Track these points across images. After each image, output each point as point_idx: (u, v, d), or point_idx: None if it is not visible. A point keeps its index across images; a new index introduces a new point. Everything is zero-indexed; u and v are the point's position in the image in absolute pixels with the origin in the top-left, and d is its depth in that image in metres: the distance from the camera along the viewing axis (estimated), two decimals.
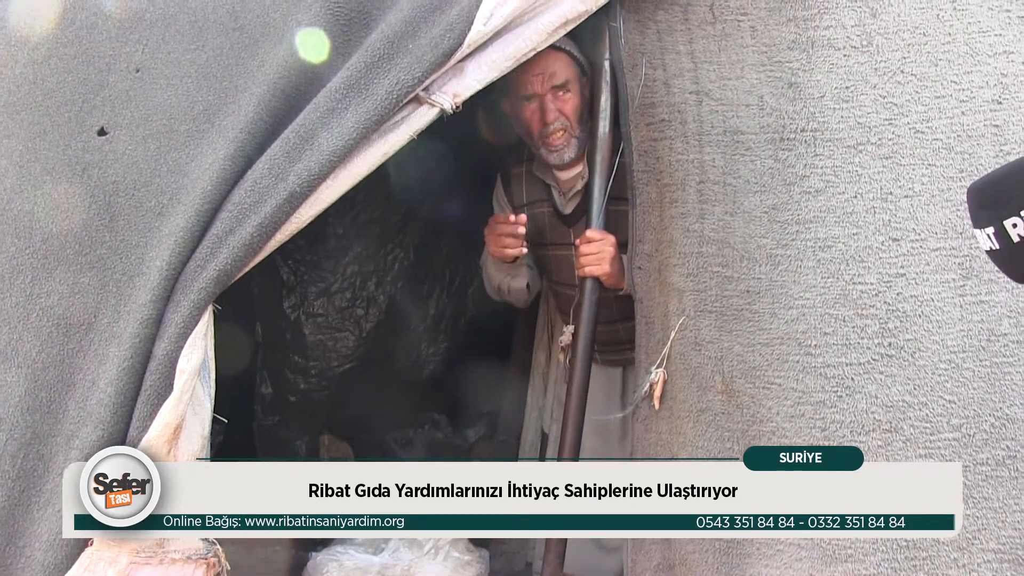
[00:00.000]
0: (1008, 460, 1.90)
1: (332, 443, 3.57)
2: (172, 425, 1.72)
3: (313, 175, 1.84)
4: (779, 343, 2.00)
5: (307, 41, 1.97)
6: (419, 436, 3.68)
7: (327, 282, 3.54)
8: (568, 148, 2.41)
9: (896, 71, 2.00)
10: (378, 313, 3.60)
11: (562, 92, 2.38)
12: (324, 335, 3.54)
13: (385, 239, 3.56)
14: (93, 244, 1.94)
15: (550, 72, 2.35)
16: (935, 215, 1.94)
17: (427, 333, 3.68)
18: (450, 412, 3.72)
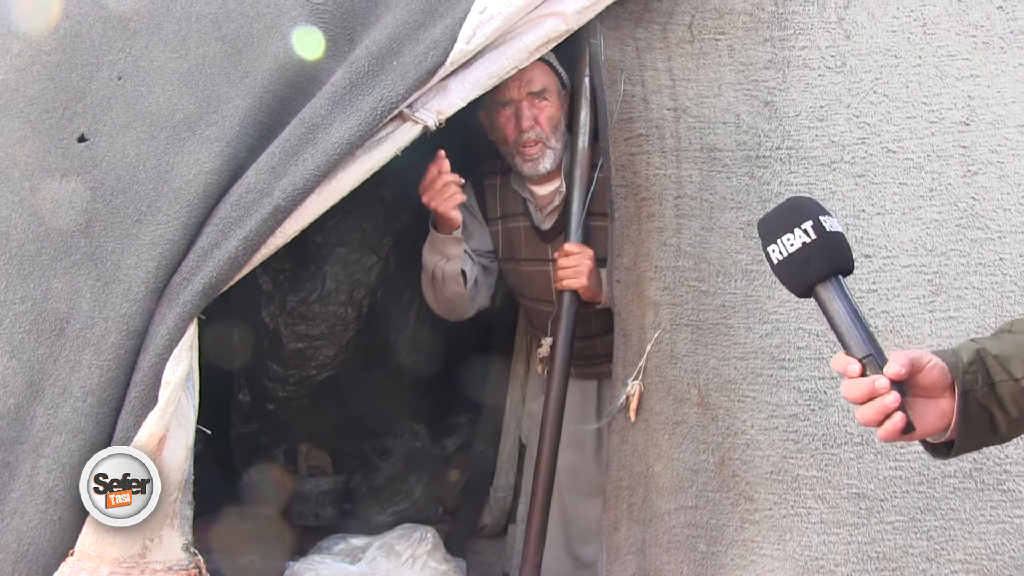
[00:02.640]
0: (975, 472, 1.94)
1: (310, 452, 3.56)
2: (157, 435, 1.72)
3: (298, 190, 1.85)
4: (754, 357, 2.04)
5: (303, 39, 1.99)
6: (398, 445, 3.67)
7: (306, 290, 3.53)
8: (543, 159, 2.41)
9: (869, 92, 2.04)
10: (357, 322, 3.59)
11: (539, 100, 2.38)
12: (303, 343, 3.54)
13: (365, 248, 3.57)
14: (68, 249, 1.93)
15: (527, 78, 2.34)
16: (906, 233, 1.99)
17: (406, 342, 3.68)
18: (429, 422, 3.72)
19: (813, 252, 1.28)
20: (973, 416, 1.29)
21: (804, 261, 1.29)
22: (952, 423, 1.29)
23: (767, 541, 1.97)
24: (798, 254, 1.29)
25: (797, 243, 1.29)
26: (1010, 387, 1.29)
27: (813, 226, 1.29)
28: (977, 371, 1.29)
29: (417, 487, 3.58)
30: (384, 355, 3.67)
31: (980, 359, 1.30)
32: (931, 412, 1.30)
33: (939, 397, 1.30)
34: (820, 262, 1.29)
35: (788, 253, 1.30)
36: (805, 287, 1.32)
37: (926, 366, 1.28)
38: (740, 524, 2.00)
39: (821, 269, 1.29)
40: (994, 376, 1.29)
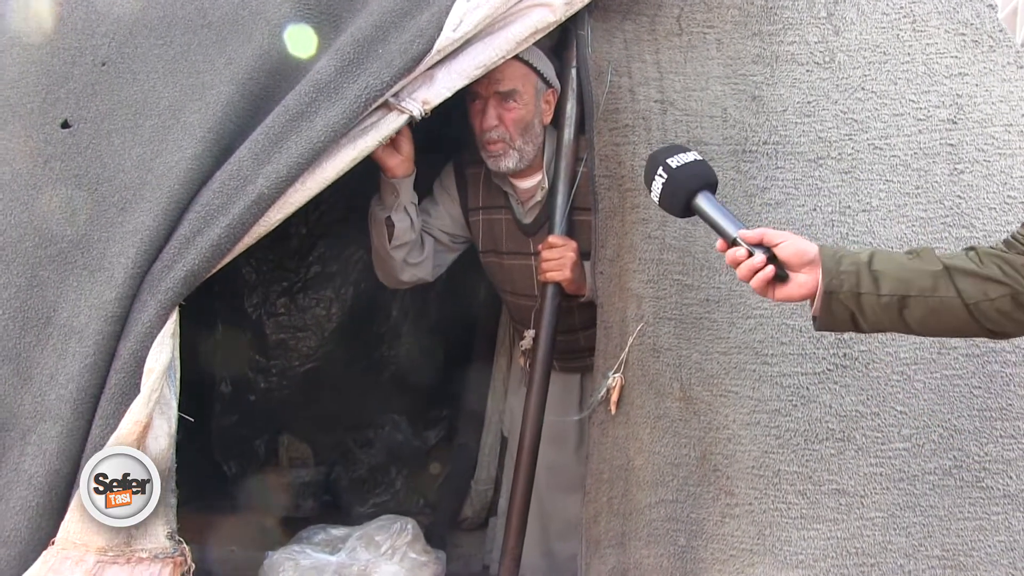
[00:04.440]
0: (955, 470, 1.95)
1: (292, 443, 3.55)
2: (142, 423, 1.72)
3: (281, 178, 1.84)
4: (737, 352, 2.04)
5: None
6: (379, 437, 3.67)
7: (290, 281, 3.53)
8: (505, 158, 2.38)
9: (857, 88, 2.05)
10: (340, 313, 3.59)
11: (506, 100, 2.34)
12: (286, 334, 3.54)
13: (348, 240, 3.55)
14: (53, 238, 1.92)
15: (496, 78, 2.29)
16: (891, 230, 1.99)
17: (389, 334, 3.68)
18: (410, 414, 3.71)
19: (669, 186, 1.74)
20: (835, 311, 1.61)
21: (669, 193, 1.75)
22: (815, 306, 1.63)
23: (747, 536, 1.97)
24: (663, 191, 1.76)
25: (658, 185, 1.76)
26: (871, 300, 1.57)
27: (663, 168, 1.75)
28: (846, 279, 1.58)
29: (398, 479, 3.59)
30: (366, 347, 3.67)
31: (857, 270, 1.58)
32: (795, 280, 1.64)
33: (798, 271, 1.63)
34: (677, 190, 1.74)
35: (658, 193, 1.77)
36: (680, 210, 1.77)
37: (778, 244, 1.63)
38: (720, 518, 2.00)
39: (679, 196, 1.74)
40: (861, 287, 1.57)
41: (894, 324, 1.62)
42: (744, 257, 1.64)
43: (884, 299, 1.56)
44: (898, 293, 1.56)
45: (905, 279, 1.56)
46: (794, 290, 1.64)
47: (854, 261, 1.59)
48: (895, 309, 1.58)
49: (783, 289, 1.65)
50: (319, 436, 3.60)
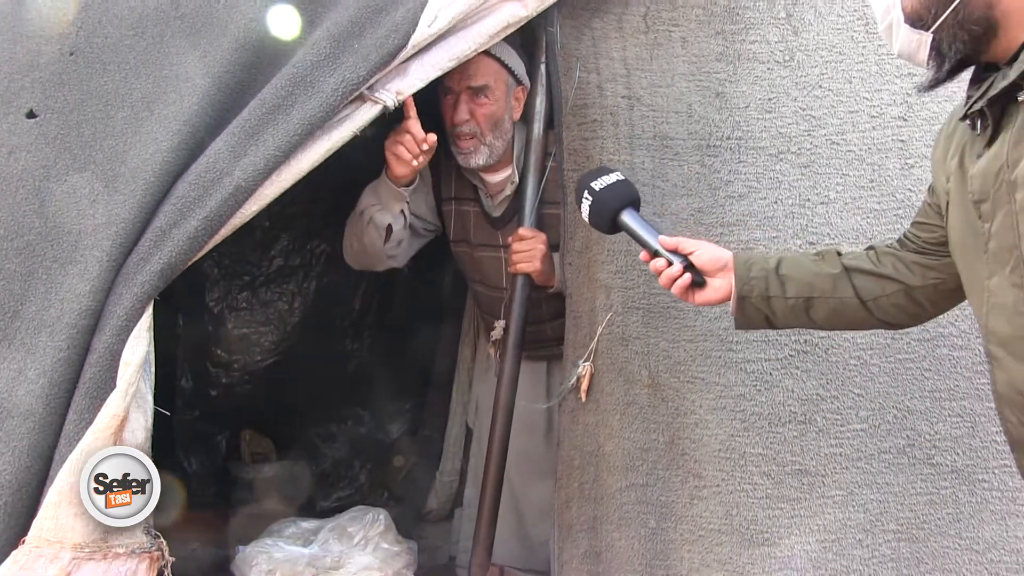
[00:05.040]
0: (908, 448, 2.05)
1: (254, 438, 3.53)
2: (119, 417, 1.70)
3: (259, 171, 1.85)
4: (703, 339, 2.11)
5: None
6: (342, 431, 3.66)
7: (252, 275, 3.51)
8: (475, 154, 2.42)
9: (815, 86, 2.13)
10: (303, 307, 3.58)
11: (478, 96, 2.38)
12: (248, 329, 3.51)
13: (311, 233, 3.55)
14: (21, 229, 1.90)
15: (469, 72, 2.34)
16: (848, 221, 2.08)
17: (352, 328, 3.68)
18: (373, 408, 3.72)
19: (596, 207, 1.90)
20: (748, 313, 1.77)
21: (596, 214, 1.91)
22: (731, 309, 1.79)
23: (715, 516, 2.05)
24: (591, 211, 1.91)
25: (586, 206, 1.91)
26: (780, 302, 1.73)
27: (588, 192, 1.90)
28: (756, 284, 1.73)
29: (362, 473, 3.59)
30: (329, 341, 3.66)
31: (766, 276, 1.73)
32: (712, 286, 1.79)
33: (713, 276, 1.79)
34: (603, 210, 1.89)
35: (587, 214, 1.92)
36: (607, 228, 1.92)
37: (692, 252, 1.79)
38: (689, 500, 2.07)
39: (604, 215, 1.89)
40: (770, 291, 1.73)
41: (802, 322, 1.78)
42: (664, 267, 1.80)
43: (791, 301, 1.72)
44: (803, 295, 1.71)
45: (808, 282, 1.71)
46: (711, 295, 1.80)
47: (763, 268, 1.74)
48: (802, 309, 1.73)
49: (701, 294, 1.80)
50: (282, 431, 3.58)
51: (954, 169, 1.42)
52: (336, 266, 3.62)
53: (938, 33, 1.32)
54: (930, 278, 1.63)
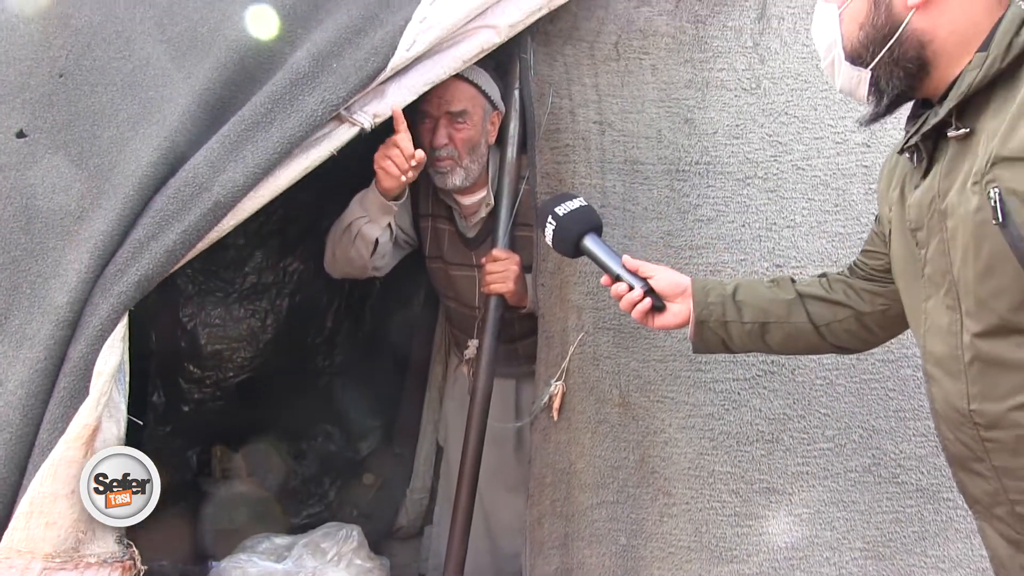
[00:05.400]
0: (873, 467, 2.10)
1: (225, 454, 3.52)
2: (90, 427, 1.72)
3: (238, 187, 1.87)
4: (672, 359, 2.15)
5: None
6: (312, 448, 3.66)
7: (225, 292, 3.50)
8: (452, 175, 2.46)
9: (781, 113, 2.19)
10: (275, 324, 3.58)
11: (456, 120, 2.43)
12: (221, 345, 3.51)
13: (284, 251, 3.56)
14: (7, 245, 1.91)
15: (448, 98, 2.40)
16: (813, 244, 2.14)
17: (323, 345, 3.69)
18: (343, 424, 3.73)
19: (559, 232, 1.92)
20: (707, 336, 1.81)
21: (559, 239, 1.93)
22: (690, 334, 1.84)
23: (684, 533, 2.09)
24: (554, 236, 1.93)
25: (549, 231, 1.93)
26: (736, 327, 1.78)
27: (552, 217, 1.92)
28: (714, 309, 1.79)
29: (332, 490, 3.59)
30: (301, 358, 3.67)
31: (723, 301, 1.78)
32: (671, 311, 1.83)
33: (672, 301, 1.83)
34: (566, 235, 1.91)
35: (551, 239, 1.94)
36: (570, 252, 1.94)
37: (651, 276, 1.83)
38: (659, 518, 2.11)
39: (567, 240, 1.91)
40: (727, 316, 1.78)
41: (758, 347, 1.83)
42: (625, 291, 1.83)
43: (747, 326, 1.77)
44: (759, 320, 1.77)
45: (764, 308, 1.76)
46: (670, 319, 1.84)
47: (720, 293, 1.79)
48: (757, 334, 1.78)
49: (660, 318, 1.84)
50: (252, 447, 3.58)
51: (895, 199, 1.49)
52: (309, 284, 3.65)
53: (876, 70, 1.39)
54: (878, 304, 1.70)
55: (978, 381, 1.25)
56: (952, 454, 1.37)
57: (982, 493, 1.32)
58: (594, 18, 2.26)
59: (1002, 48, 1.21)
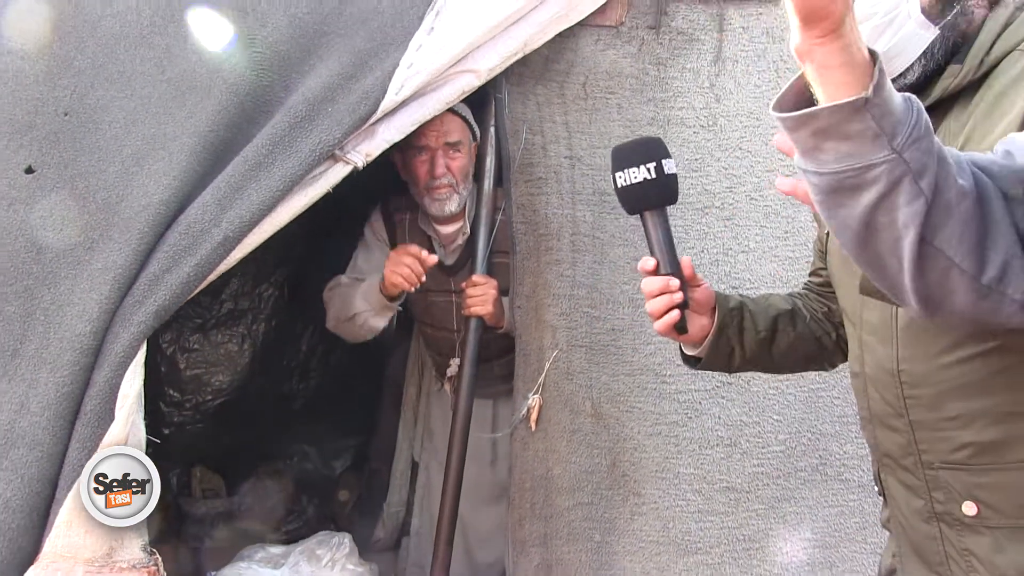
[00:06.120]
0: (820, 467, 2.33)
1: (205, 475, 3.64)
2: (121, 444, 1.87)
3: (244, 222, 2.04)
4: (639, 373, 2.36)
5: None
6: (289, 468, 3.81)
7: (203, 318, 3.64)
8: (450, 201, 2.67)
9: (735, 148, 2.41)
10: (252, 349, 3.72)
11: (453, 150, 2.65)
12: (199, 369, 3.63)
13: (260, 277, 3.71)
14: (19, 275, 2.03)
15: (445, 130, 2.62)
16: (766, 267, 2.36)
17: (298, 369, 3.84)
18: (318, 444, 3.87)
19: (650, 187, 1.58)
20: (721, 347, 1.71)
21: (641, 192, 1.59)
22: (705, 343, 1.72)
23: (653, 529, 2.29)
24: (639, 186, 1.58)
25: (640, 177, 1.58)
26: (752, 335, 1.73)
27: (656, 167, 1.58)
28: (734, 316, 1.72)
29: (309, 507, 3.72)
30: (277, 381, 3.81)
31: (741, 310, 1.73)
32: (695, 323, 1.69)
33: (702, 314, 1.71)
34: (653, 196, 1.59)
35: (631, 183, 1.59)
36: (636, 210, 1.62)
37: (702, 284, 1.70)
38: (630, 516, 2.31)
39: (652, 202, 1.60)
40: (745, 324, 1.72)
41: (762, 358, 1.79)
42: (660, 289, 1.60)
43: (760, 335, 1.75)
44: (770, 329, 1.76)
45: (772, 317, 1.78)
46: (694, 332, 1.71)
47: (738, 302, 1.76)
48: (767, 343, 1.77)
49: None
50: (231, 467, 3.70)
51: None
52: (284, 310, 3.79)
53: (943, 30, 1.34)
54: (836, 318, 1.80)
55: (908, 345, 1.38)
56: (874, 412, 1.49)
57: (895, 446, 1.46)
58: (563, 60, 2.46)
59: (975, 63, 1.31)
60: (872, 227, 1.04)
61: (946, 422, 1.37)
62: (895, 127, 0.99)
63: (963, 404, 1.35)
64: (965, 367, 1.33)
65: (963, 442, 1.36)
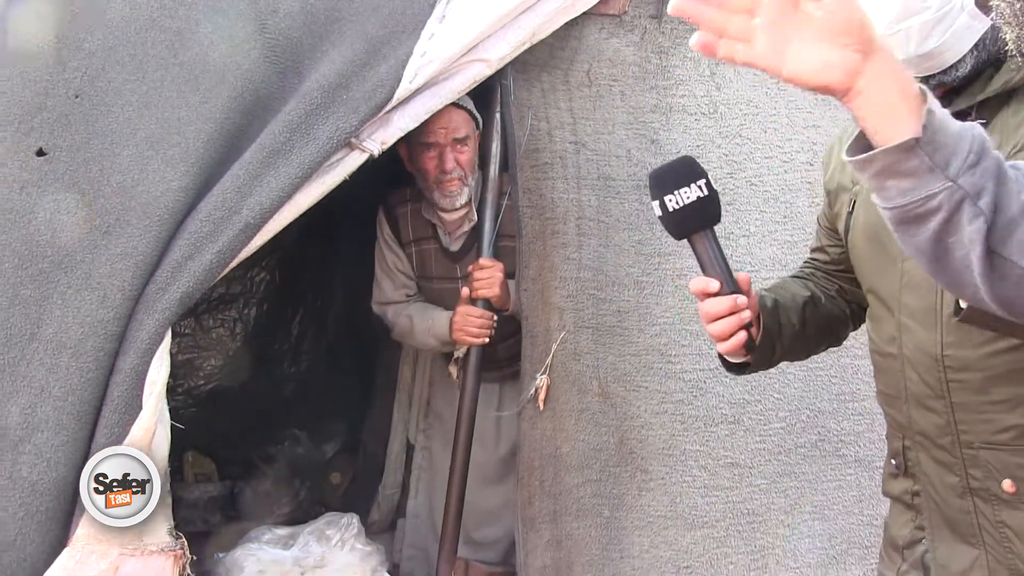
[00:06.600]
0: (819, 443, 2.42)
1: (197, 460, 3.65)
2: (150, 430, 1.90)
3: (265, 209, 2.06)
4: (645, 353, 2.43)
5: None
6: (280, 452, 3.82)
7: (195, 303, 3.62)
8: (460, 195, 2.73)
9: (735, 135, 2.48)
10: (244, 333, 3.73)
11: (460, 145, 2.69)
12: (191, 354, 3.64)
13: (251, 261, 3.66)
14: (33, 257, 2.02)
15: (454, 126, 2.66)
16: (765, 251, 2.44)
17: (289, 352, 3.85)
18: (310, 428, 3.89)
19: (705, 205, 1.50)
20: (765, 349, 1.65)
21: (696, 211, 1.50)
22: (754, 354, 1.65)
23: (661, 504, 2.37)
24: (692, 206, 1.49)
25: (692, 196, 1.49)
26: (788, 330, 1.69)
27: (706, 183, 1.51)
28: (774, 317, 1.66)
29: (302, 490, 3.75)
30: (269, 365, 3.83)
31: (776, 308, 1.67)
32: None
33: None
34: (708, 214, 1.51)
35: (684, 204, 1.49)
36: (687, 232, 1.53)
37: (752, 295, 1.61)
38: (638, 492, 2.38)
39: (707, 220, 1.51)
40: (781, 320, 1.67)
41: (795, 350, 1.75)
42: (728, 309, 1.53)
43: (795, 327, 1.70)
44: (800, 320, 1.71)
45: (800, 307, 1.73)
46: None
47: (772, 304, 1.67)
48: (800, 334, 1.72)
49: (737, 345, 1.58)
50: (223, 452, 3.71)
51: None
52: (274, 294, 3.81)
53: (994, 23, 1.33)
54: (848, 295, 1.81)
55: (954, 331, 1.40)
56: (911, 393, 1.53)
57: (931, 426, 1.50)
58: (568, 48, 2.51)
59: None
60: (943, 248, 1.08)
61: (991, 405, 1.42)
62: (949, 159, 1.04)
63: (1011, 389, 1.40)
64: (1017, 354, 1.38)
65: (1008, 425, 1.41)
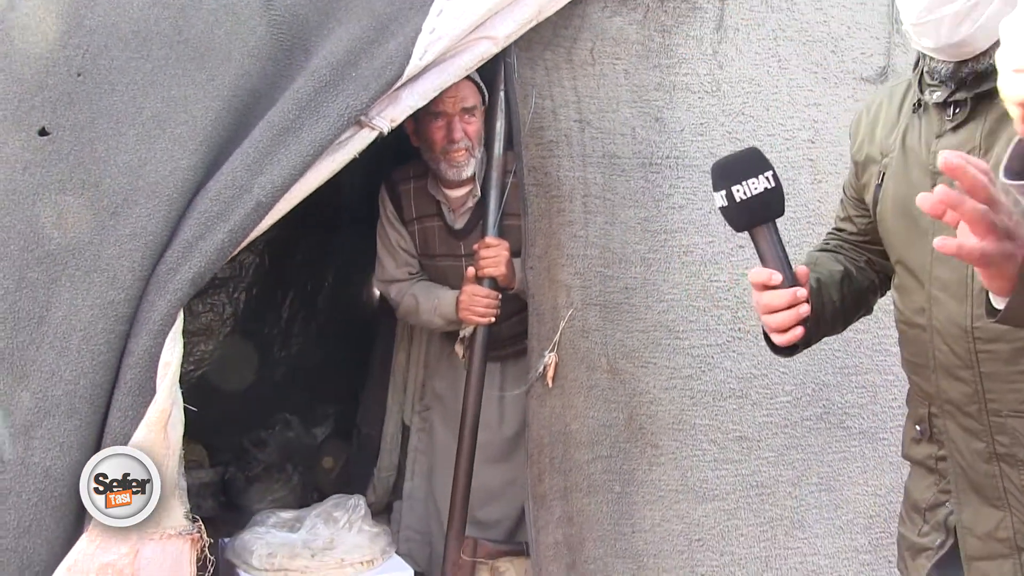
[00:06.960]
0: (824, 416, 2.46)
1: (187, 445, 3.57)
2: (166, 411, 1.88)
3: (276, 187, 2.03)
4: (653, 330, 2.44)
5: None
6: (271, 436, 3.80)
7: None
8: (467, 166, 2.74)
9: (738, 113, 2.50)
10: (234, 318, 3.70)
11: (468, 115, 2.71)
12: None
13: None
14: (40, 240, 1.99)
15: (462, 96, 2.67)
16: None
17: (279, 337, 3.83)
18: (301, 412, 3.87)
19: (771, 196, 1.48)
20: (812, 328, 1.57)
21: (764, 203, 1.47)
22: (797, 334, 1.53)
23: (672, 479, 2.39)
24: (760, 196, 1.47)
25: (760, 187, 1.47)
26: (830, 308, 1.68)
27: (773, 175, 1.49)
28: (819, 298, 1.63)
29: (295, 475, 3.73)
30: (259, 350, 3.80)
31: (820, 288, 1.65)
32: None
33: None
34: (773, 206, 1.49)
35: (751, 195, 1.47)
36: (752, 224, 1.50)
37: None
38: (648, 467, 2.40)
39: (772, 212, 1.49)
40: (824, 299, 1.65)
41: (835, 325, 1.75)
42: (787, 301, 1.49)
43: (836, 304, 1.70)
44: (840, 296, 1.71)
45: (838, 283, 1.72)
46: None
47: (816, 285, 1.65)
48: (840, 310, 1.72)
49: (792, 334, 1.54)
50: (214, 438, 3.69)
51: (896, 145, 1.62)
52: (264, 277, 3.77)
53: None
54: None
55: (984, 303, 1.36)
56: (940, 363, 1.55)
57: (959, 395, 1.53)
58: (571, 26, 2.51)
59: None
60: None
61: (1019, 375, 1.45)
62: None
63: None
64: None
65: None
